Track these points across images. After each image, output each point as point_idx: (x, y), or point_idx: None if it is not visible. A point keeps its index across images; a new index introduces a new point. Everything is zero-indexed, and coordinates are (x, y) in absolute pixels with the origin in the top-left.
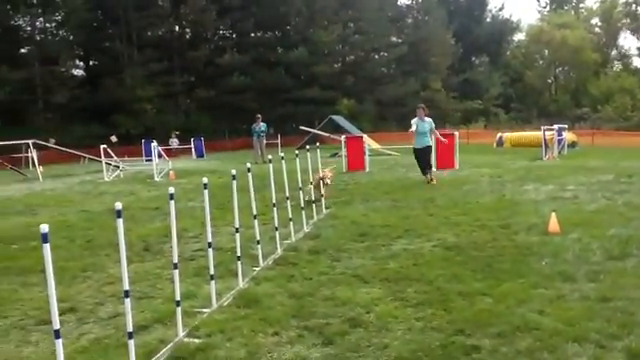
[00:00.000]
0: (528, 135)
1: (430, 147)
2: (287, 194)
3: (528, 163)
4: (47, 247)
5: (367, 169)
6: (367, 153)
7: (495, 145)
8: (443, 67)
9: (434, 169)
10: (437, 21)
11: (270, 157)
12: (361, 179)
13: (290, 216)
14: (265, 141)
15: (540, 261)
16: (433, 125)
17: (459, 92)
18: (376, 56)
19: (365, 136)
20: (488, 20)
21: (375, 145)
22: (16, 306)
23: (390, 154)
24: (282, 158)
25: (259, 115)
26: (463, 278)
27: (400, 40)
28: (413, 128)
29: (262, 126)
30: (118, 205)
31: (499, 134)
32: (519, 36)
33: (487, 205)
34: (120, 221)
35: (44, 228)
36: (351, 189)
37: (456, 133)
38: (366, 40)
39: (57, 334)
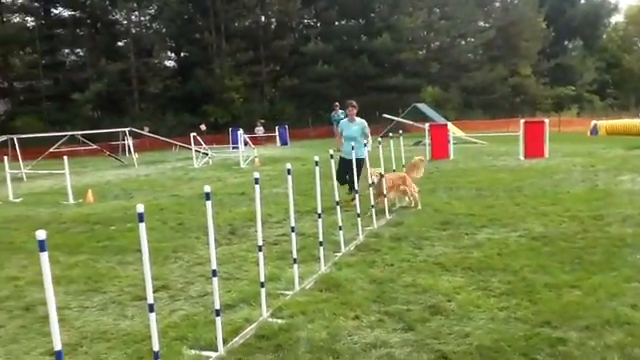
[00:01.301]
0: (625, 123)
1: (362, 160)
2: (370, 181)
3: (624, 152)
4: (142, 226)
5: (451, 157)
6: (451, 141)
7: (589, 133)
8: (533, 52)
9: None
10: (527, 4)
11: (353, 144)
12: (445, 167)
13: (372, 203)
14: None
15: (635, 254)
16: (367, 129)
17: (550, 78)
18: (462, 42)
19: (450, 124)
20: (582, 1)
21: (460, 133)
22: (114, 282)
23: (475, 142)
24: (364, 145)
25: (337, 103)
26: (550, 269)
27: (488, 25)
28: (340, 130)
29: (340, 114)
30: (207, 188)
31: (593, 122)
32: (617, 18)
33: (578, 195)
34: (209, 203)
35: (140, 208)
36: (435, 177)
37: (546, 121)
38: (452, 26)
39: (151, 308)
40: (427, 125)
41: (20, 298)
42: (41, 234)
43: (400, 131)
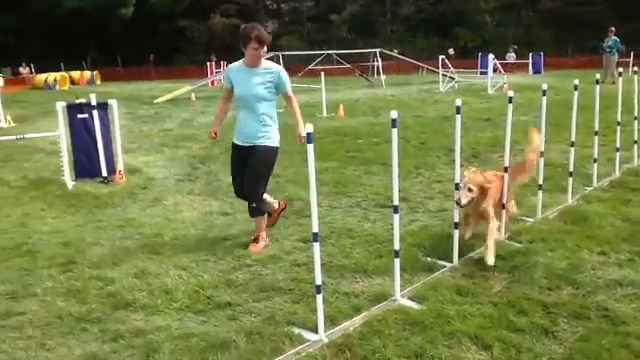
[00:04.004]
0: None
1: (266, 150)
2: (635, 114)
3: None
4: (395, 132)
5: None
6: None
7: None
8: None
9: None
10: None
11: (621, 70)
12: None
13: (635, 139)
14: (616, 58)
15: None
16: (286, 82)
17: None
18: None
19: None
20: None
21: None
22: (359, 189)
23: None
24: (634, 72)
25: (612, 28)
26: None
27: None
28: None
29: (610, 41)
30: (458, 101)
31: None
32: None
33: None
34: (458, 117)
35: (393, 114)
36: None
37: None
38: None
39: (395, 209)
40: None
41: (281, 192)
42: (309, 127)
43: None
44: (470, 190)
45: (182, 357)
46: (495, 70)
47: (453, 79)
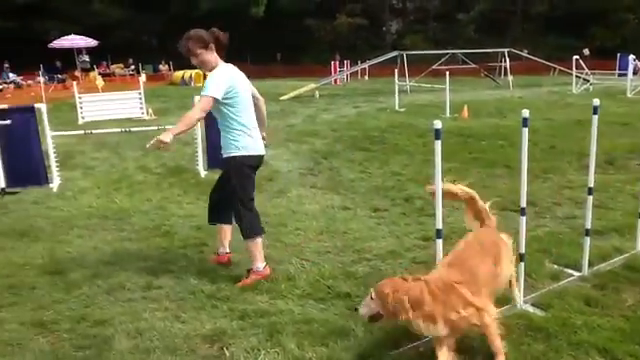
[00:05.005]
0: None
1: (231, 160)
2: None
3: None
4: (525, 131)
5: None
6: None
7: None
8: None
9: None
10: None
11: None
12: None
13: None
14: None
15: None
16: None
17: None
18: None
19: None
20: None
21: None
22: (483, 191)
23: None
24: None
25: None
26: None
27: None
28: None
29: None
30: (596, 101)
31: None
32: None
33: None
34: (595, 118)
35: (525, 113)
36: None
37: None
38: None
39: (522, 212)
40: None
41: (401, 190)
42: (437, 123)
43: None
44: (372, 298)
45: (303, 340)
46: (636, 72)
47: (587, 81)
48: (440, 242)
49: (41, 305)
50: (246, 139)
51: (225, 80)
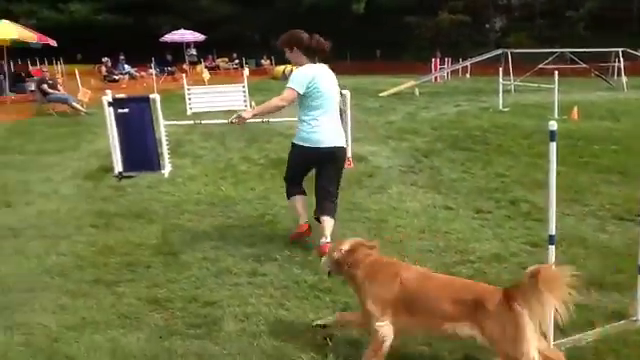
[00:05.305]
0: None
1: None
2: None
3: None
4: None
5: None
6: None
7: None
8: None
9: None
10: None
11: None
12: None
13: None
14: None
15: None
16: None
17: None
18: None
19: None
20: None
21: None
22: (595, 198)
23: None
24: None
25: None
26: None
27: None
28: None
29: None
30: None
31: None
32: None
33: None
34: None
35: None
36: None
37: None
38: None
39: None
40: None
41: (506, 192)
42: (553, 124)
43: None
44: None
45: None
46: None
47: None
48: (552, 248)
49: (155, 283)
50: (308, 132)
51: (307, 76)
